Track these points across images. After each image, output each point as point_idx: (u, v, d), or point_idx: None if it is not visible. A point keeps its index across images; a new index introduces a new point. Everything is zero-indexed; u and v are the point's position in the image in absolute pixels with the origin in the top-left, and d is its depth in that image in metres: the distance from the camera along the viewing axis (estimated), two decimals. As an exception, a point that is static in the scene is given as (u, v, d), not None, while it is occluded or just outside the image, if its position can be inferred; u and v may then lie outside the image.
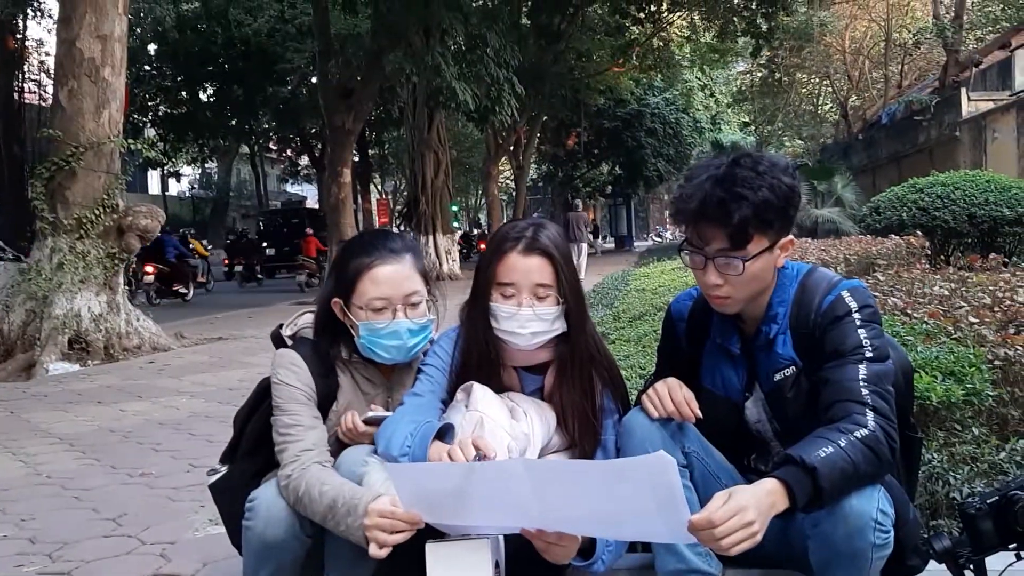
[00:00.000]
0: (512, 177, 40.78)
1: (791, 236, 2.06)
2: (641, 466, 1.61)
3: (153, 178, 48.97)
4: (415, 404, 2.10)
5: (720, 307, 2.08)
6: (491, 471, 1.73)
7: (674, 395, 2.02)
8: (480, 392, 2.04)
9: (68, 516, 3.84)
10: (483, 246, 27.16)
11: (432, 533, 1.79)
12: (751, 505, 1.63)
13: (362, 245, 2.21)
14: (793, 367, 2.06)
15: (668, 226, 61.25)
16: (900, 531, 1.88)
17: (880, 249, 8.93)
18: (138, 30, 28.95)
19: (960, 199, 10.58)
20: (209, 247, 25.43)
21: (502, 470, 1.72)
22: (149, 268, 17.24)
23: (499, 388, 2.13)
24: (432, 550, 1.77)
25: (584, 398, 2.15)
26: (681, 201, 2.03)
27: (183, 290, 18.81)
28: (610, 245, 51.59)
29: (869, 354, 1.93)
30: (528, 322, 2.07)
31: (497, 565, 1.82)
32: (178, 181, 47.94)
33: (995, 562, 1.94)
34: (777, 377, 2.08)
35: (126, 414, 6.32)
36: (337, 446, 2.18)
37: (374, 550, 1.78)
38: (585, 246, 21.64)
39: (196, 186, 51.70)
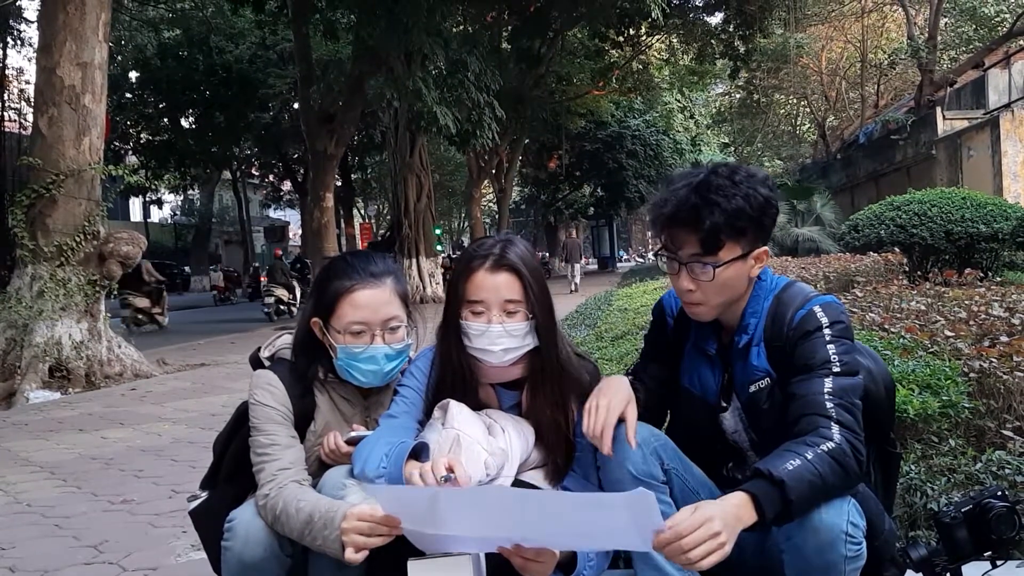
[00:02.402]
0: (495, 200, 40.94)
1: (766, 247, 2.09)
2: (621, 502, 1.61)
3: (135, 205, 48.75)
4: (390, 425, 2.11)
5: (694, 314, 2.12)
6: (468, 497, 1.73)
7: (607, 418, 1.99)
8: (456, 409, 2.04)
9: (49, 544, 3.81)
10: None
11: (413, 552, 1.80)
12: (717, 516, 1.64)
13: (343, 267, 2.21)
14: (767, 379, 2.08)
15: (650, 247, 61.53)
16: (876, 541, 1.90)
17: (859, 266, 9.03)
18: (119, 57, 28.92)
19: (937, 216, 10.66)
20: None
21: (479, 496, 1.74)
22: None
23: (476, 406, 2.14)
24: (414, 568, 1.77)
25: (556, 411, 2.15)
26: (657, 206, 2.08)
27: None
28: (592, 266, 51.74)
29: (837, 369, 1.94)
30: (499, 338, 2.07)
31: (479, 582, 1.83)
32: (160, 208, 47.75)
33: (972, 571, 1.97)
34: (752, 388, 2.11)
35: (108, 441, 6.28)
36: (318, 466, 2.18)
37: (350, 554, 1.78)
38: (579, 266, 26.80)
39: (178, 213, 51.48)
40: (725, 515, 1.66)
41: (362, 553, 1.78)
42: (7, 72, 27.16)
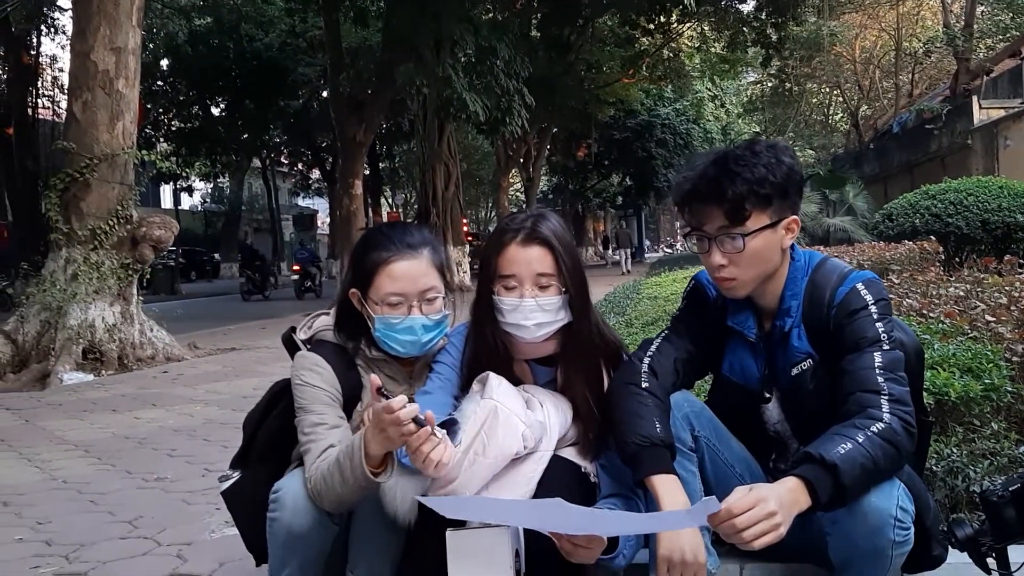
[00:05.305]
0: (522, 188, 40.87)
1: (795, 217, 2.04)
2: (686, 515, 1.64)
3: (166, 192, 49.14)
4: (425, 402, 2.08)
5: (728, 290, 2.06)
6: (527, 506, 1.80)
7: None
8: (495, 381, 2.02)
9: (84, 519, 3.85)
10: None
11: (451, 522, 1.79)
12: (772, 497, 1.62)
13: (380, 239, 2.19)
14: (810, 360, 2.04)
15: (678, 237, 61.19)
16: (925, 520, 1.86)
17: (894, 254, 8.89)
18: (151, 45, 29.08)
19: (973, 205, 10.54)
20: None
21: (539, 506, 1.77)
22: None
23: (511, 381, 2.11)
24: (452, 538, 1.77)
25: (588, 387, 2.13)
26: (679, 186, 2.06)
27: None
28: (620, 256, 51.56)
29: (886, 346, 1.92)
30: (532, 313, 2.05)
31: (517, 554, 1.82)
32: (190, 195, 48.09)
33: (1017, 554, 1.93)
34: (795, 372, 2.07)
35: (141, 421, 6.34)
36: None
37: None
38: (629, 251, 32.54)
39: (208, 200, 51.88)
40: (781, 498, 1.64)
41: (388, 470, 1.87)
42: (41, 60, 27.48)
